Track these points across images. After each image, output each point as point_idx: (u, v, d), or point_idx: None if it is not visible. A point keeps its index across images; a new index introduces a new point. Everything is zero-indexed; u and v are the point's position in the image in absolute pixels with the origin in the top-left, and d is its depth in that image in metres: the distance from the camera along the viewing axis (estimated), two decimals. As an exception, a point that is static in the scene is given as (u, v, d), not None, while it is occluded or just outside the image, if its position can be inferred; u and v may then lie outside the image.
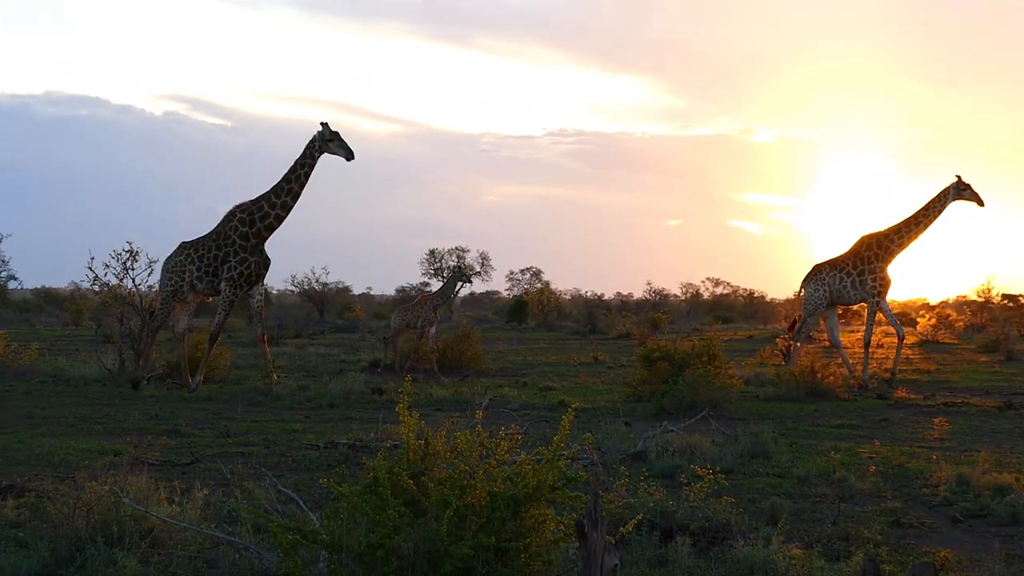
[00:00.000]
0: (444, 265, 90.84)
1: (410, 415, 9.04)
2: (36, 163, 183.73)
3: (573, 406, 10.40)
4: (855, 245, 30.32)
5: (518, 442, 9.08)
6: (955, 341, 54.13)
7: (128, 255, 30.44)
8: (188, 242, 29.04)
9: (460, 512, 8.03)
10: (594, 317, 67.98)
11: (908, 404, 25.40)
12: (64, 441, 17.89)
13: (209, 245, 28.53)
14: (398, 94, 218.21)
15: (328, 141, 27.45)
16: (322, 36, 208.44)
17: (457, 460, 8.70)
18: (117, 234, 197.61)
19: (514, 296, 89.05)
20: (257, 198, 28.26)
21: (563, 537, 8.60)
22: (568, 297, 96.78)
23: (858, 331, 56.55)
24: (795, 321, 32.31)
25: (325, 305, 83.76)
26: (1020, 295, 76.31)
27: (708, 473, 12.08)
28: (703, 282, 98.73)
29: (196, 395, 25.81)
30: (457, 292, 37.19)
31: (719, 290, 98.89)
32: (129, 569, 9.40)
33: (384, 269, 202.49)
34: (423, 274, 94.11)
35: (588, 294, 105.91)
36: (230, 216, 28.56)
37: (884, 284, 29.86)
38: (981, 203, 29.42)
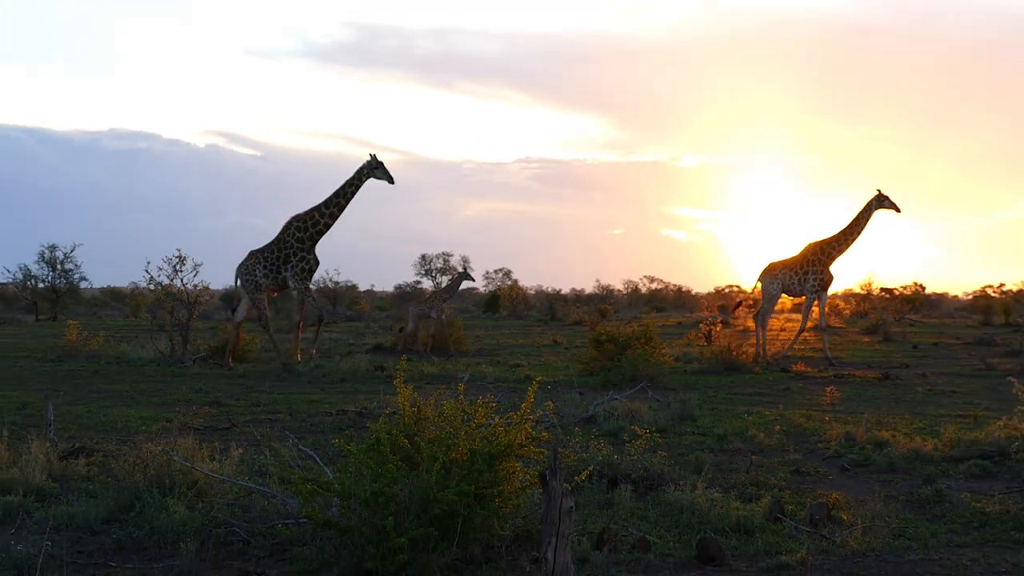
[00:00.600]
0: (433, 267, 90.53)
1: (405, 388, 9.03)
2: (104, 186, 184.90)
3: (537, 379, 10.39)
4: (804, 250, 31.21)
5: (493, 409, 9.05)
6: (843, 325, 54.22)
7: (177, 260, 30.99)
8: (255, 250, 29.50)
9: (446, 466, 8.04)
10: (554, 308, 67.92)
11: (806, 376, 25.45)
12: (125, 411, 17.82)
13: (272, 249, 29.15)
14: (396, 129, 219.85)
15: (375, 168, 28.23)
16: (334, 82, 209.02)
17: (443, 423, 8.69)
18: (168, 243, 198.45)
19: (489, 291, 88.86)
20: (310, 209, 28.80)
21: (529, 485, 8.60)
22: (533, 292, 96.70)
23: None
24: (739, 304, 34.26)
25: (337, 299, 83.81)
26: (895, 288, 76.63)
27: (646, 433, 12.13)
28: (641, 279, 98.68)
29: (232, 373, 25.71)
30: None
31: (654, 286, 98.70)
32: (179, 514, 9.37)
33: (384, 270, 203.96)
34: (416, 274, 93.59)
35: (549, 289, 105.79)
36: (288, 224, 29.09)
37: (825, 282, 30.71)
38: (899, 210, 29.97)
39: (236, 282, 29.99)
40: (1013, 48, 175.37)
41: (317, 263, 29.04)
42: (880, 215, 30.29)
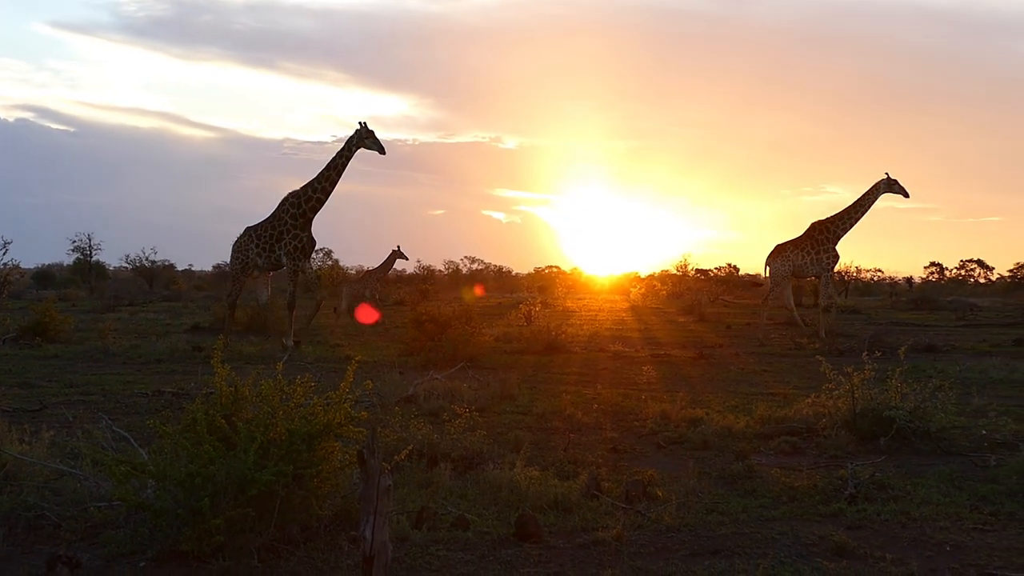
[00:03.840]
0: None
1: (223, 368, 8.92)
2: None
3: (356, 359, 10.36)
4: (808, 230, 31.86)
5: (311, 389, 9.00)
6: (660, 305, 55.38)
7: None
8: (251, 226, 28.64)
9: (264, 446, 7.98)
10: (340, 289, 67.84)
11: (623, 356, 25.90)
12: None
13: (266, 226, 28.19)
14: (213, 106, 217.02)
15: (364, 138, 26.95)
16: (150, 58, 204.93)
17: (262, 403, 8.62)
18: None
19: (310, 272, 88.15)
20: (304, 185, 27.76)
21: (348, 465, 8.59)
22: (354, 272, 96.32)
23: (585, 299, 57.39)
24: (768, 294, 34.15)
25: (154, 279, 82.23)
26: (709, 270, 78.62)
27: (465, 412, 12.16)
28: (462, 260, 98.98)
29: (44, 353, 24.92)
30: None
31: (475, 266, 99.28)
32: (-17, 498, 9.08)
33: (203, 249, 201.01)
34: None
35: (371, 269, 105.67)
36: (284, 201, 28.06)
37: (834, 260, 31.62)
38: (907, 195, 30.75)
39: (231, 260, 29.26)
40: (820, 35, 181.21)
41: (313, 242, 27.98)
42: (886, 197, 31.43)
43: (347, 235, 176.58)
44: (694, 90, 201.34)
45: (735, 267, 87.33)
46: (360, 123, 26.86)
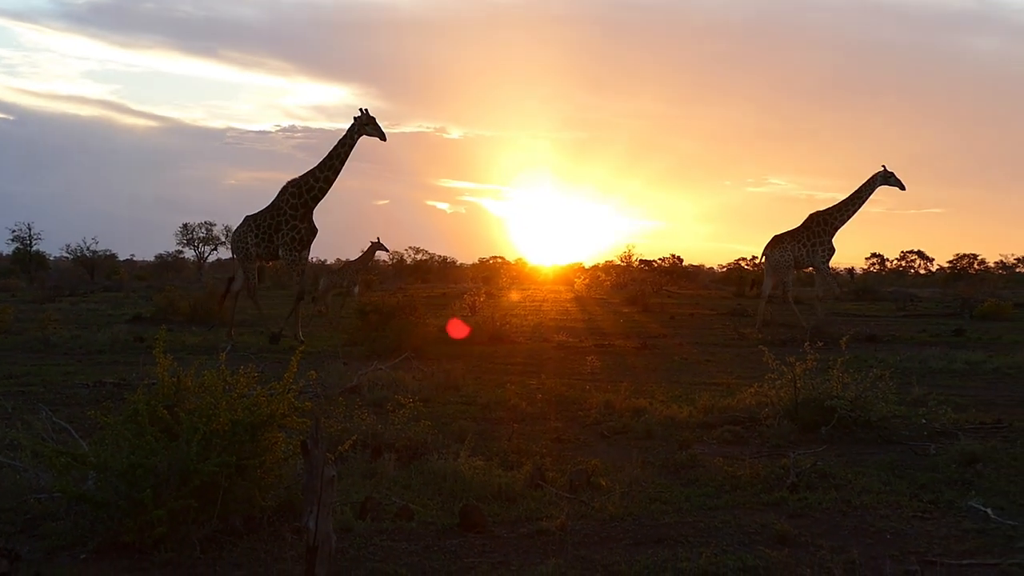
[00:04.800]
0: (196, 237, 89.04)
1: (165, 358, 8.86)
2: None
3: (300, 349, 10.33)
4: (806, 221, 31.94)
5: (255, 379, 8.96)
6: (604, 296, 55.58)
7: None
8: (250, 215, 27.89)
9: (207, 437, 7.95)
10: (318, 278, 67.49)
11: (568, 346, 25.98)
12: None
13: (265, 216, 27.44)
14: (156, 95, 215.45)
15: (365, 125, 26.47)
16: (91, 46, 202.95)
17: (204, 394, 8.58)
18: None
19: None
20: (305, 174, 27.12)
21: (292, 455, 8.60)
22: (332, 263, 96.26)
23: (529, 290, 57.55)
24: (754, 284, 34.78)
25: (95, 269, 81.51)
26: (653, 260, 79.04)
27: (410, 402, 12.13)
28: (406, 250, 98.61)
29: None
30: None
31: (419, 256, 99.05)
32: (-81, 491, 8.96)
33: (144, 239, 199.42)
34: (178, 244, 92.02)
35: (314, 259, 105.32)
36: (283, 190, 27.36)
37: (830, 252, 31.65)
38: (903, 187, 30.91)
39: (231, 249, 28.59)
40: (766, 28, 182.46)
41: (314, 232, 27.29)
42: (882, 190, 31.57)
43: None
44: (641, 82, 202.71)
45: (679, 258, 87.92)
46: (361, 110, 26.49)
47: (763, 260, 32.91)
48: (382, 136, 26.77)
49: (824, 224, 31.52)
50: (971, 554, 7.93)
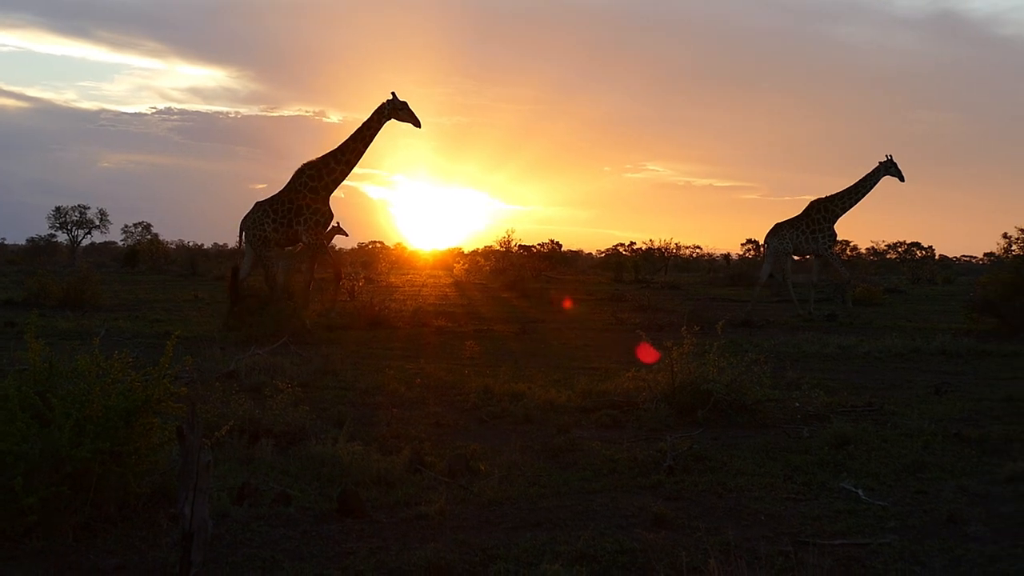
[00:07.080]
0: (69, 220, 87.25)
1: (36, 343, 8.70)
2: None
3: (176, 334, 10.20)
4: (807, 209, 32.48)
5: (129, 364, 8.83)
6: (484, 281, 55.72)
7: None
8: (261, 201, 27.04)
9: (80, 423, 7.84)
10: (195, 263, 66.91)
11: (447, 331, 26.03)
12: None
13: (282, 200, 26.73)
14: (26, 75, 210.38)
15: (399, 110, 25.90)
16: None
17: (77, 379, 8.44)
18: None
19: (128, 245, 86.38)
20: (324, 156, 26.56)
21: (168, 441, 8.48)
22: (174, 246, 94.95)
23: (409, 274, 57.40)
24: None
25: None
26: (532, 246, 79.40)
27: (288, 387, 12.09)
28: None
29: None
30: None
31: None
32: None
33: (16, 223, 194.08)
34: (51, 227, 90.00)
35: (191, 244, 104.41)
36: (299, 173, 26.75)
37: (832, 240, 32.16)
38: (903, 179, 31.50)
39: (240, 237, 27.65)
40: (648, 15, 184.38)
41: (331, 215, 26.85)
42: (884, 180, 32.05)
43: (168, 208, 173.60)
44: (521, 67, 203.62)
45: (557, 243, 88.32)
46: (392, 94, 26.03)
47: (764, 247, 33.64)
48: (416, 123, 26.41)
49: (824, 212, 32.16)
50: (843, 534, 8.14)
